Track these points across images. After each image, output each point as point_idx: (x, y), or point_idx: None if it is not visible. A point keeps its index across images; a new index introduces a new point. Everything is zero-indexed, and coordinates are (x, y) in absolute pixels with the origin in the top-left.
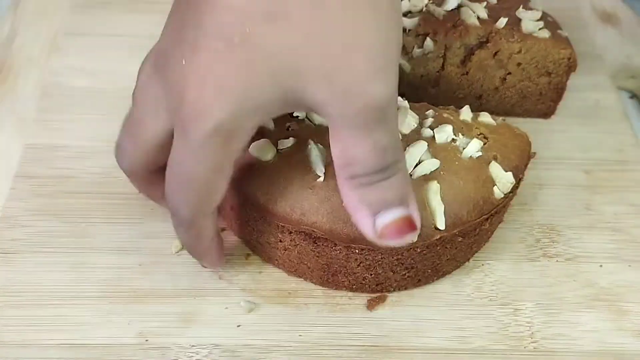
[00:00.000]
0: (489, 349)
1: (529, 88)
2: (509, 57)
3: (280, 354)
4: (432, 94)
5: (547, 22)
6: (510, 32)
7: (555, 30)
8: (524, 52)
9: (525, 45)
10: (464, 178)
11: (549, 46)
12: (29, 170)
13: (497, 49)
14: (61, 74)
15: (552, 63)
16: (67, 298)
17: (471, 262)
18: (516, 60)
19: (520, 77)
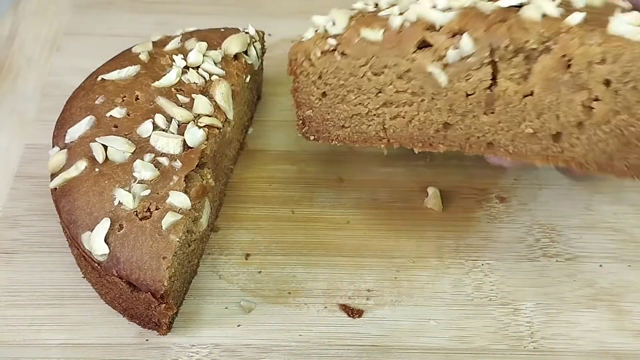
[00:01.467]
0: (488, 348)
1: (632, 127)
2: (588, 69)
3: (280, 354)
4: (486, 124)
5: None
6: (589, 31)
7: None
8: (611, 62)
9: (610, 50)
10: None
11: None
12: (29, 171)
13: (567, 52)
14: (61, 73)
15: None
16: (67, 298)
17: (471, 262)
18: (601, 73)
19: (613, 105)
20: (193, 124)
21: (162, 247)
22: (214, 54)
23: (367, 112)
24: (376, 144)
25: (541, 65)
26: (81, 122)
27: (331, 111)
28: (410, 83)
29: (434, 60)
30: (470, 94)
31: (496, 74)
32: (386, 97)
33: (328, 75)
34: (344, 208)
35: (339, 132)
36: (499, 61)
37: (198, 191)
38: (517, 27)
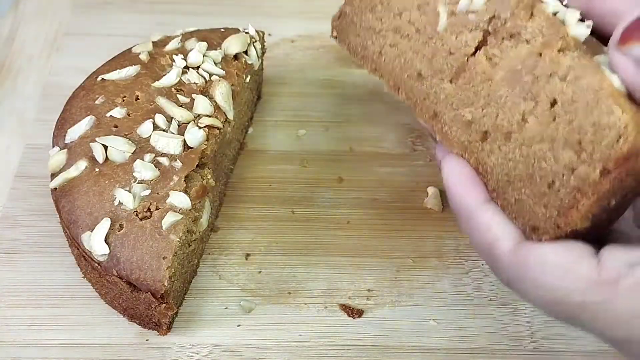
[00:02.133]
0: (488, 348)
1: (544, 162)
2: (548, 79)
3: (280, 354)
4: (444, 91)
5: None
6: (579, 48)
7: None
8: (569, 82)
9: (577, 69)
10: None
11: (604, 92)
12: (29, 171)
13: (543, 51)
14: (61, 73)
15: (592, 128)
16: (67, 298)
17: (471, 262)
18: (554, 89)
19: (544, 129)
20: (193, 124)
21: (163, 247)
22: (214, 54)
23: (379, 30)
24: (368, 65)
25: (514, 52)
26: (81, 122)
27: (359, 17)
28: (421, 18)
29: (449, 3)
30: (453, 52)
31: (481, 46)
32: (399, 23)
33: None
34: (344, 208)
35: (353, 39)
36: (492, 34)
37: (198, 191)
38: (526, 6)
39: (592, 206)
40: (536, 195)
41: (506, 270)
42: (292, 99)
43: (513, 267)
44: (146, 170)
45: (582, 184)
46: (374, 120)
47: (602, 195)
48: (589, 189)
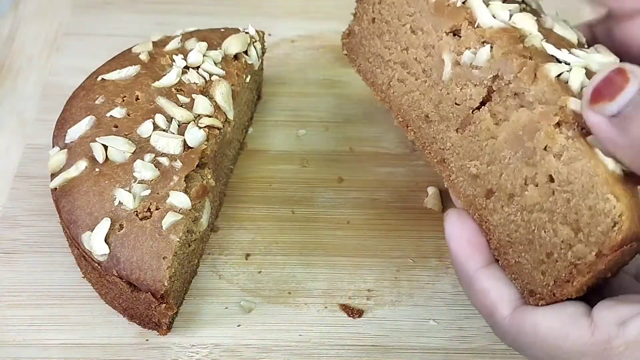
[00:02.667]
0: (489, 348)
1: (543, 231)
2: (545, 152)
3: (280, 353)
4: (450, 140)
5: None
6: (574, 125)
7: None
8: (564, 162)
9: (570, 150)
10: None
11: (600, 177)
12: (29, 170)
13: (541, 122)
14: (61, 74)
15: (589, 211)
16: (67, 298)
17: None
18: (550, 166)
19: (544, 200)
20: (193, 124)
21: (163, 247)
22: (214, 54)
23: (387, 60)
24: (377, 94)
25: (517, 117)
26: (81, 122)
27: (367, 40)
28: (427, 59)
29: (453, 51)
30: (458, 104)
31: (485, 101)
32: (406, 58)
33: (385, 5)
34: (344, 208)
35: (362, 62)
36: (496, 91)
37: (198, 191)
38: (530, 70)
39: (587, 282)
40: (535, 262)
41: (506, 335)
42: (292, 99)
43: (512, 331)
44: (146, 170)
45: (579, 261)
46: (374, 120)
47: (597, 274)
48: (584, 267)
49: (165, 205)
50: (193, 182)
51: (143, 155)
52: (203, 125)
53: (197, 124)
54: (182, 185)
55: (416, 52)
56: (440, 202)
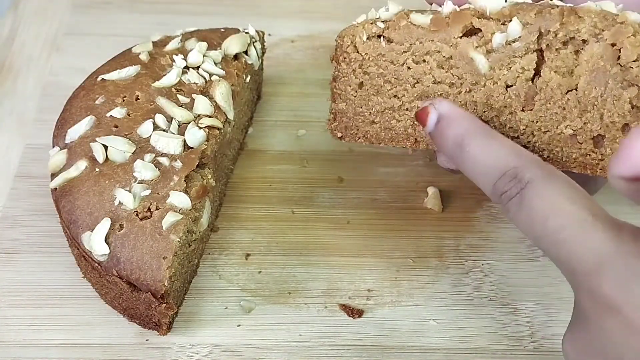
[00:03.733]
0: (489, 348)
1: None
2: (637, 62)
3: (280, 353)
4: (523, 121)
5: None
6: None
7: None
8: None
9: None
10: None
11: None
12: (29, 170)
13: (617, 40)
14: (61, 73)
15: None
16: (67, 298)
17: (470, 262)
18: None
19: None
20: (194, 124)
21: (163, 247)
22: (214, 54)
23: (400, 106)
24: (403, 143)
25: (589, 53)
26: (81, 122)
27: (364, 104)
28: (450, 72)
29: (479, 46)
30: (511, 85)
31: (541, 64)
32: (423, 88)
33: (369, 62)
34: (344, 208)
35: (367, 128)
36: (546, 49)
37: (198, 191)
38: (570, 12)
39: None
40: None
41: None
42: (292, 99)
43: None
44: (146, 170)
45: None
46: None
47: None
48: None
49: (165, 205)
50: (193, 182)
51: (143, 155)
52: (203, 125)
53: (197, 124)
54: (182, 185)
55: (432, 76)
56: (440, 202)
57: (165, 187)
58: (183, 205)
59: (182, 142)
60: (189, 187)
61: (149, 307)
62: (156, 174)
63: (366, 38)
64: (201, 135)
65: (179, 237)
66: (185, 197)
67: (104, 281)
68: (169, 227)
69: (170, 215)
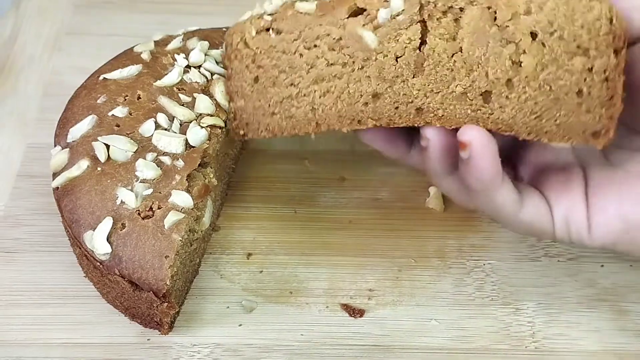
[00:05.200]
0: (490, 348)
1: (560, 80)
2: (514, 21)
3: (281, 353)
4: (415, 87)
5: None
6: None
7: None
8: (535, 12)
9: (534, 0)
10: None
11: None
12: (31, 170)
13: (491, 4)
14: (63, 73)
15: (583, 29)
16: (68, 297)
17: (472, 262)
18: (526, 24)
19: (541, 58)
20: (195, 123)
21: (165, 246)
22: (216, 53)
23: (297, 93)
24: (305, 129)
25: (468, 17)
26: (83, 122)
27: (262, 97)
28: (341, 52)
29: (365, 23)
30: (400, 55)
31: (425, 33)
32: (317, 72)
33: (262, 56)
34: (346, 208)
35: (268, 120)
36: (428, 19)
37: (200, 190)
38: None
39: (623, 84)
40: (573, 110)
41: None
42: None
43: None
44: (148, 169)
45: (605, 73)
46: None
47: (623, 71)
48: (613, 73)
49: (167, 204)
50: (195, 181)
51: (145, 154)
52: (205, 124)
53: (199, 123)
54: (184, 184)
55: (324, 60)
56: (442, 202)
57: (167, 186)
58: (185, 204)
59: (184, 141)
60: (190, 186)
61: (151, 307)
62: (158, 173)
63: (255, 33)
64: (203, 134)
65: (181, 236)
66: (187, 196)
67: (105, 280)
68: (171, 226)
69: (172, 214)
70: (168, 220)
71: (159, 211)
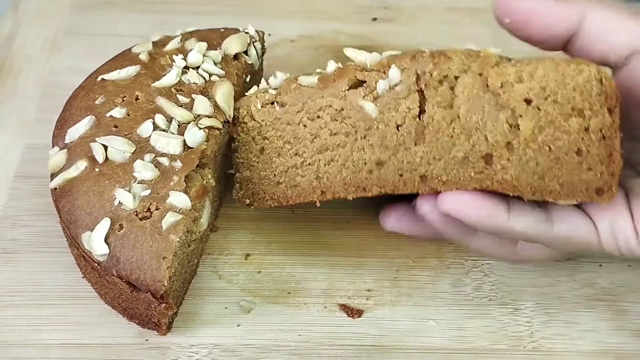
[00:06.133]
0: (488, 348)
1: (558, 141)
2: (504, 88)
3: (279, 354)
4: (417, 154)
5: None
6: (502, 57)
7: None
8: (527, 80)
9: (524, 68)
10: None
11: (561, 64)
12: (29, 170)
13: (482, 71)
14: (61, 73)
15: (576, 92)
16: (66, 298)
17: (470, 262)
18: (520, 92)
19: (537, 121)
20: (193, 124)
21: (162, 247)
22: (214, 54)
23: (302, 162)
24: (310, 197)
25: (462, 84)
26: (81, 122)
27: (268, 167)
28: (344, 122)
29: (366, 94)
30: (401, 124)
31: (424, 102)
32: (321, 142)
33: (267, 128)
34: (344, 208)
35: (274, 190)
36: (425, 89)
37: (198, 191)
38: (440, 54)
39: (620, 142)
40: (574, 169)
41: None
42: None
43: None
44: (146, 170)
45: (602, 131)
46: None
47: (620, 128)
48: (610, 131)
49: (165, 205)
50: (193, 182)
51: (143, 155)
52: (203, 125)
53: (197, 124)
54: (182, 185)
55: (327, 130)
56: None
57: (165, 187)
58: (183, 205)
59: (182, 142)
60: (188, 187)
61: (149, 307)
62: (156, 174)
63: (260, 106)
64: (201, 135)
65: (179, 237)
66: (185, 197)
67: (103, 281)
68: (168, 227)
69: (170, 215)
70: (166, 221)
71: (157, 212)
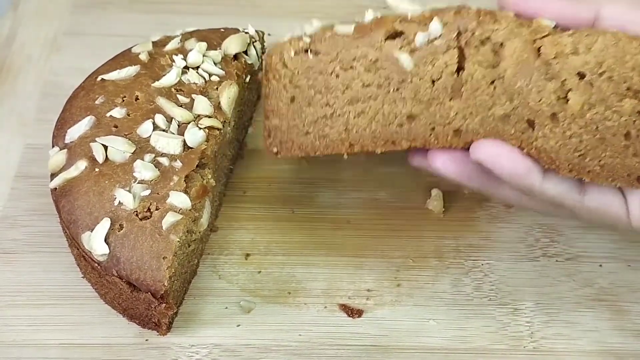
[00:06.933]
0: (488, 348)
1: (607, 121)
2: (557, 59)
3: (280, 353)
4: (452, 109)
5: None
6: (556, 29)
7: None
8: (583, 52)
9: (582, 40)
10: None
11: (622, 40)
12: (29, 171)
13: (536, 37)
14: (61, 73)
15: (635, 71)
16: (66, 298)
17: (470, 262)
18: (574, 65)
19: (588, 97)
20: (193, 124)
21: (163, 247)
22: (214, 54)
23: (332, 113)
24: (338, 149)
25: (511, 48)
26: (81, 122)
27: (297, 116)
28: (377, 74)
29: (402, 46)
30: (436, 79)
31: (463, 59)
32: (352, 94)
33: (299, 76)
34: (344, 208)
35: (302, 139)
36: (465, 47)
37: (198, 191)
38: (487, 13)
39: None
40: (619, 152)
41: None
42: None
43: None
44: (146, 170)
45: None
46: None
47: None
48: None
49: (165, 205)
50: (193, 182)
51: (143, 155)
52: (203, 125)
53: (197, 124)
54: (182, 185)
55: (359, 81)
56: (442, 205)
57: (165, 187)
58: (183, 205)
59: (181, 142)
60: (188, 187)
61: (149, 307)
62: (156, 174)
63: (294, 53)
64: (201, 135)
65: (179, 237)
66: (185, 197)
67: (103, 281)
68: (168, 227)
69: (170, 215)
70: (166, 221)
71: (157, 212)
